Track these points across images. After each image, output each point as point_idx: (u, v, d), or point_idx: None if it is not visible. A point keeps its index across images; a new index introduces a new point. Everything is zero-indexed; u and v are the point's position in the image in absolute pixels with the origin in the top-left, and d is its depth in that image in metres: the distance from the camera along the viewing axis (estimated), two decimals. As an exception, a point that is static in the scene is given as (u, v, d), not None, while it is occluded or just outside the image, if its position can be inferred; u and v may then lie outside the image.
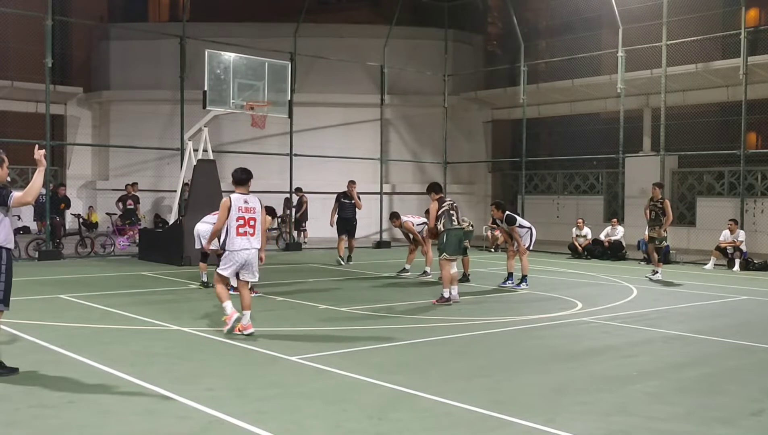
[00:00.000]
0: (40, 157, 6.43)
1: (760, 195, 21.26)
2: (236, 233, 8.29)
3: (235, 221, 8.30)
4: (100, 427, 5.18)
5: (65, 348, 7.56)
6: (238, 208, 8.33)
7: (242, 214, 8.34)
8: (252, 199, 8.49)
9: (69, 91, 26.29)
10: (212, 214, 13.28)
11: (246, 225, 8.34)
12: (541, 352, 7.92)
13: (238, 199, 8.40)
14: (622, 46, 21.10)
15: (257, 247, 8.47)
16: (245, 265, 8.41)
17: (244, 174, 8.58)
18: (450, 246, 11.35)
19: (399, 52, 25.68)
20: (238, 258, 8.35)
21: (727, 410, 5.84)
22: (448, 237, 11.37)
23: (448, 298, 11.19)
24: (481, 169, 28.46)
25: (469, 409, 5.68)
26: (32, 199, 6.39)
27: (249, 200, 8.45)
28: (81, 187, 26.40)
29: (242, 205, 8.36)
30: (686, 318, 10.43)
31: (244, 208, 8.36)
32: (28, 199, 6.35)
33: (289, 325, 9.29)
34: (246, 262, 8.39)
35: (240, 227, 8.30)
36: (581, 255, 19.95)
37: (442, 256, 11.35)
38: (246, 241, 8.34)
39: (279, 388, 6.24)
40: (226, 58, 17.45)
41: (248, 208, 8.41)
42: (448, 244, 11.35)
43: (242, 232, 8.31)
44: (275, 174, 23.19)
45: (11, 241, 6.59)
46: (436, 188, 11.92)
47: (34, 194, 6.36)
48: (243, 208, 8.36)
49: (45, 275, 14.02)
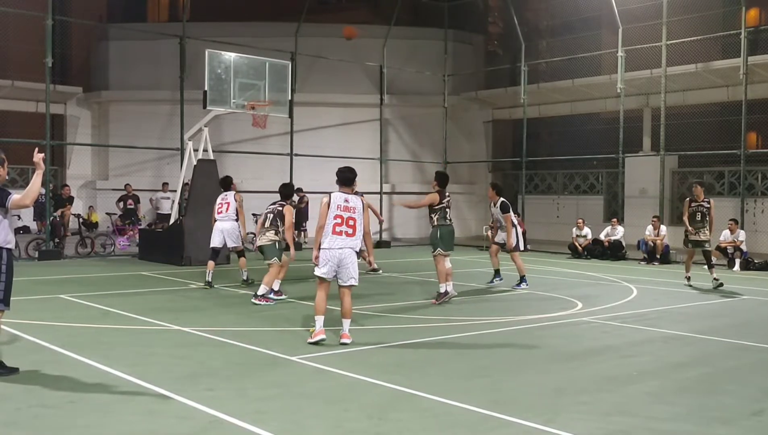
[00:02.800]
0: (39, 160, 6.40)
1: (760, 195, 21.25)
2: (332, 231, 8.01)
3: (332, 219, 8.04)
4: (100, 427, 5.18)
5: (65, 348, 7.57)
6: (337, 207, 8.06)
7: (341, 212, 8.07)
8: (354, 199, 8.20)
9: (69, 91, 26.28)
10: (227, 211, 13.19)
11: (344, 224, 8.05)
12: (541, 352, 7.92)
13: (338, 197, 8.13)
14: (622, 46, 21.10)
15: (353, 247, 8.10)
16: (341, 266, 8.03)
17: (351, 173, 8.31)
18: (443, 242, 11.36)
19: (399, 52, 25.70)
20: (330, 256, 8.00)
21: (727, 410, 5.84)
22: (441, 233, 11.36)
23: (445, 292, 11.19)
24: (482, 169, 28.46)
25: (469, 409, 5.68)
26: (30, 201, 6.36)
27: (350, 199, 8.17)
28: (81, 187, 26.37)
29: (342, 204, 8.09)
30: (686, 318, 10.43)
31: (343, 207, 8.09)
32: (26, 202, 6.33)
33: (289, 325, 9.29)
34: (340, 261, 8.01)
35: (337, 226, 8.03)
36: (581, 255, 19.95)
37: (435, 251, 11.40)
38: (341, 240, 8.03)
39: (279, 388, 6.24)
40: (227, 57, 17.44)
41: (348, 207, 8.11)
42: (441, 239, 11.36)
43: (338, 232, 8.02)
44: (276, 174, 23.17)
45: (11, 242, 6.60)
46: (441, 180, 11.77)
47: (32, 197, 6.33)
48: (342, 207, 8.08)
49: (45, 275, 14.02)
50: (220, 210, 13.05)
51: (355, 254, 8.16)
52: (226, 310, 10.49)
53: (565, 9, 26.27)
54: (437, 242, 11.37)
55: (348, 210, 8.09)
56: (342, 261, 8.01)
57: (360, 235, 8.19)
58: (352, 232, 8.07)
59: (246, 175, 24.06)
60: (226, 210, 13.03)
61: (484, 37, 30.26)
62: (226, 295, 12.02)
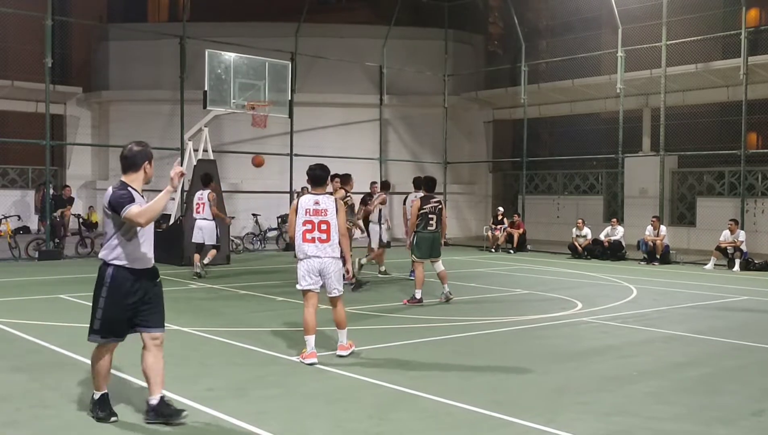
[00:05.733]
0: (176, 175, 5.03)
1: (760, 195, 21.25)
2: (303, 239, 7.27)
3: (302, 226, 7.28)
4: (100, 427, 5.18)
5: (65, 348, 7.56)
6: (305, 211, 7.30)
7: (310, 217, 7.28)
8: (325, 199, 7.38)
9: (69, 91, 26.30)
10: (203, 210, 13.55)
11: (315, 229, 7.26)
12: (541, 352, 7.91)
13: (307, 201, 7.37)
14: (621, 46, 21.11)
15: (333, 256, 7.31)
16: (324, 275, 7.30)
17: (322, 171, 7.53)
18: (418, 248, 11.30)
19: (399, 52, 25.71)
20: (308, 267, 7.27)
21: (727, 410, 5.84)
22: (417, 239, 11.33)
23: (420, 299, 11.10)
24: (482, 169, 28.47)
25: (469, 409, 5.68)
26: (146, 221, 5.01)
27: (321, 201, 7.35)
28: (81, 187, 26.39)
29: (311, 207, 7.31)
30: (686, 318, 10.43)
31: (313, 211, 7.30)
32: (140, 221, 4.97)
33: (290, 325, 9.28)
34: (321, 271, 7.28)
35: (307, 232, 7.26)
36: (581, 255, 19.95)
37: (412, 257, 11.44)
38: (314, 247, 7.26)
39: (279, 388, 6.24)
40: (227, 57, 17.46)
41: (318, 210, 7.30)
42: (417, 246, 11.31)
43: (310, 239, 7.25)
44: (276, 174, 23.20)
45: (129, 258, 5.18)
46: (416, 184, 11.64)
47: (149, 217, 5.00)
48: (312, 211, 7.30)
49: (45, 275, 14.00)
50: (198, 209, 13.71)
51: (338, 261, 7.40)
52: (226, 310, 10.49)
53: (565, 9, 26.29)
54: (413, 248, 11.38)
55: (319, 213, 7.28)
56: (323, 271, 7.28)
57: (336, 240, 7.35)
58: (326, 238, 7.26)
59: (246, 175, 24.05)
60: (202, 210, 13.62)
61: (484, 37, 30.27)
62: (226, 295, 12.02)
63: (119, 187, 5.13)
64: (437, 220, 11.35)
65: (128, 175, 5.21)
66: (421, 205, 11.30)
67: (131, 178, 5.20)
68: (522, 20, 24.89)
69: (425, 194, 11.55)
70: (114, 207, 5.05)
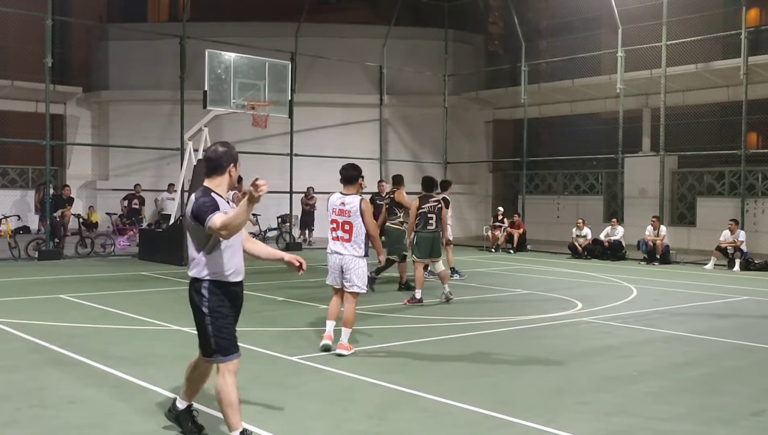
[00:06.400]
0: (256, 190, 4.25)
1: (760, 195, 21.24)
2: (331, 237, 7.61)
3: (330, 224, 7.62)
4: (100, 427, 5.18)
5: (65, 348, 7.56)
6: (332, 210, 7.57)
7: (336, 216, 7.56)
8: (351, 200, 7.54)
9: (68, 91, 26.28)
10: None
11: (339, 229, 7.53)
12: (541, 352, 7.91)
13: (334, 200, 7.62)
14: (621, 46, 21.10)
15: (354, 254, 7.50)
16: (343, 272, 7.52)
17: (353, 171, 7.68)
18: (418, 248, 11.32)
19: (399, 52, 25.71)
20: (331, 262, 7.61)
21: (727, 410, 5.84)
22: (417, 239, 11.35)
23: (420, 299, 11.11)
24: (483, 169, 28.47)
25: (469, 409, 5.69)
26: (228, 235, 4.45)
27: (347, 202, 7.54)
28: (81, 187, 26.38)
29: (337, 207, 7.56)
30: (686, 318, 10.44)
31: (338, 211, 7.55)
32: (222, 234, 4.42)
33: (290, 325, 9.29)
34: (341, 268, 7.53)
35: (333, 231, 7.57)
36: (581, 255, 19.95)
37: (411, 257, 11.48)
38: (338, 245, 7.54)
39: (279, 388, 6.24)
40: (227, 57, 17.44)
41: (343, 210, 7.52)
42: (417, 246, 11.34)
43: (334, 237, 7.55)
44: (276, 174, 23.17)
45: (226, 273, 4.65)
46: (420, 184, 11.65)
47: (232, 231, 4.43)
48: (337, 211, 7.56)
49: (45, 275, 14.00)
50: None
51: (360, 260, 7.53)
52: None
53: (565, 9, 26.27)
54: (413, 248, 11.41)
55: (343, 213, 7.51)
56: (342, 268, 7.53)
57: (358, 240, 7.51)
58: (348, 238, 7.49)
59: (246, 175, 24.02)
60: None
61: (484, 37, 30.24)
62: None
63: (202, 194, 4.60)
64: (437, 219, 11.36)
65: (213, 179, 4.70)
66: (420, 204, 11.31)
67: (216, 183, 4.69)
68: (522, 20, 24.89)
69: (424, 194, 11.54)
70: (197, 216, 4.50)
